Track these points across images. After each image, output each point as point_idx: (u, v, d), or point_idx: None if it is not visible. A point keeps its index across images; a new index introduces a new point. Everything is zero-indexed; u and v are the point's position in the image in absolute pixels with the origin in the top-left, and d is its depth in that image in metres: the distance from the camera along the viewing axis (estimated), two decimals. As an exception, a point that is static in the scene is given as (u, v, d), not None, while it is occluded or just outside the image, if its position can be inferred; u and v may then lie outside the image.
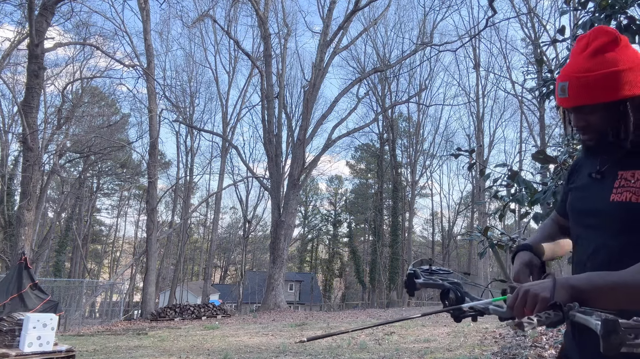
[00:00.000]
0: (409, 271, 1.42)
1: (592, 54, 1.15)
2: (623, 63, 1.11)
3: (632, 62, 1.12)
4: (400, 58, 28.54)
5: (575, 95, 1.16)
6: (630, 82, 1.11)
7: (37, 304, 8.66)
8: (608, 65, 1.12)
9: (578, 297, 0.98)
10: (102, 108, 29.60)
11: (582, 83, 1.14)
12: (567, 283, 1.00)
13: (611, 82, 1.11)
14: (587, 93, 1.14)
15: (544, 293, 0.99)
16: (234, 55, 33.74)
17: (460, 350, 7.14)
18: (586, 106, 1.16)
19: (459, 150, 3.99)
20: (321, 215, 52.48)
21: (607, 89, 1.12)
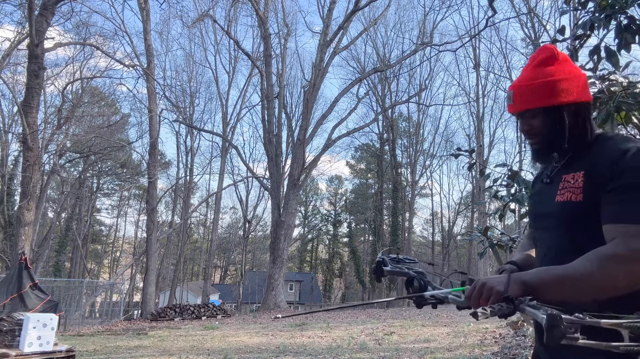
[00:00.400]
0: (377, 259, 1.50)
1: (535, 66, 1.32)
2: (559, 74, 1.27)
3: (569, 74, 1.28)
4: (400, 58, 28.56)
5: (518, 101, 1.32)
6: (565, 90, 1.26)
7: (37, 304, 8.67)
8: (546, 75, 1.28)
9: (529, 292, 1.07)
10: (102, 108, 29.60)
11: (524, 90, 1.31)
12: (520, 278, 1.10)
13: (548, 90, 1.27)
14: (528, 99, 1.30)
15: (498, 287, 1.09)
16: (234, 55, 33.77)
17: (460, 350, 7.14)
18: (528, 111, 1.31)
19: (459, 150, 3.99)
20: (321, 215, 52.50)
21: (545, 96, 1.27)
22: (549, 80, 1.28)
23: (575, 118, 1.28)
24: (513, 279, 1.09)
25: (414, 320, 12.61)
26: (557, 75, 1.28)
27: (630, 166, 1.11)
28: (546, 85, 1.28)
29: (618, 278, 1.03)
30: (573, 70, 1.29)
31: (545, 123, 1.30)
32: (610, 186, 1.13)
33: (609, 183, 1.14)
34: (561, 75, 1.28)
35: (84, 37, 21.96)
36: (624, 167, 1.12)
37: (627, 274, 1.02)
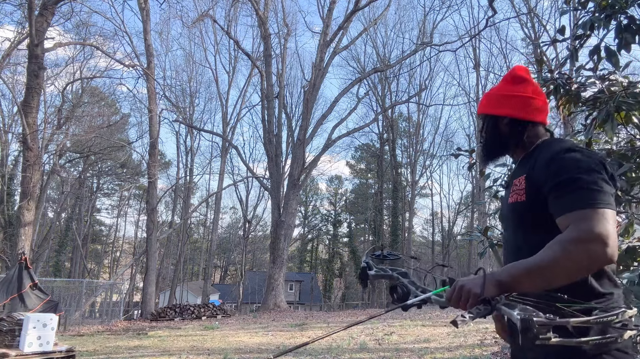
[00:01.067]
0: (362, 263, 1.58)
1: (503, 80, 1.55)
2: (508, 91, 1.49)
3: (516, 93, 1.47)
4: (400, 58, 28.54)
5: (480, 105, 1.58)
6: (505, 104, 1.48)
7: (37, 304, 8.67)
8: (500, 90, 1.52)
9: (505, 289, 1.15)
10: (102, 108, 29.58)
11: (483, 98, 1.57)
12: (494, 278, 1.16)
13: (493, 101, 1.51)
14: (481, 105, 1.57)
15: (475, 289, 1.15)
16: (234, 55, 33.77)
17: (460, 350, 7.14)
18: (480, 115, 1.57)
19: (459, 150, 3.99)
20: (321, 215, 52.47)
21: (488, 105, 1.53)
22: (497, 94, 1.51)
23: (509, 130, 1.48)
24: (488, 279, 1.15)
25: (414, 320, 12.61)
26: (504, 92, 1.50)
27: (561, 165, 1.25)
28: (492, 97, 1.52)
29: (582, 259, 1.10)
30: (524, 91, 1.47)
31: (484, 128, 1.55)
32: (549, 186, 1.26)
33: (547, 183, 1.26)
34: (508, 92, 1.49)
35: (84, 37, 21.98)
36: (556, 167, 1.26)
37: (589, 253, 1.10)
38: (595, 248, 1.10)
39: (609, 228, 1.11)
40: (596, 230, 1.11)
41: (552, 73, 3.49)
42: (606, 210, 1.14)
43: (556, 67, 3.68)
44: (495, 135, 1.51)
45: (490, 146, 1.54)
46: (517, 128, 1.47)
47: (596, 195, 1.17)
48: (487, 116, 1.53)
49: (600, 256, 1.10)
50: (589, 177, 1.19)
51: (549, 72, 3.61)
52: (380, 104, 35.95)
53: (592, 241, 1.10)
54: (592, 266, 1.13)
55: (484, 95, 1.58)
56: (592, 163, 1.23)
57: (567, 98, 3.28)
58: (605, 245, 1.10)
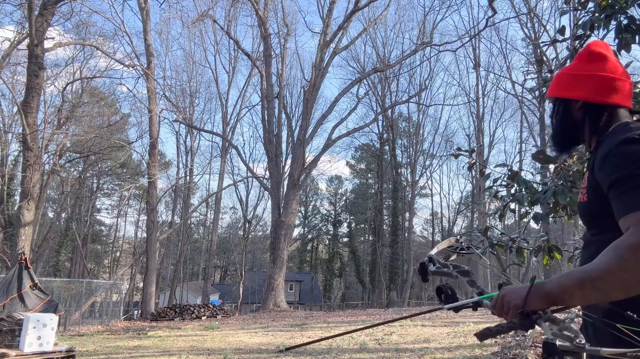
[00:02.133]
0: (425, 257, 1.52)
1: (576, 58, 1.35)
2: (580, 70, 1.29)
3: (591, 71, 1.27)
4: (400, 58, 28.54)
5: (550, 88, 1.39)
6: (575, 86, 1.29)
7: (37, 304, 8.66)
8: (569, 69, 1.33)
9: (553, 302, 1.03)
10: (102, 108, 29.58)
11: (554, 79, 1.37)
12: (542, 290, 1.04)
13: (563, 82, 1.32)
14: (551, 88, 1.37)
15: (516, 301, 1.05)
16: (234, 55, 33.79)
17: (460, 350, 7.14)
18: (549, 98, 1.38)
19: (459, 150, 3.99)
20: (321, 215, 52.49)
21: (559, 88, 1.33)
22: (570, 73, 1.31)
23: (582, 115, 1.29)
24: (534, 291, 1.04)
25: (414, 320, 12.61)
26: (577, 71, 1.30)
27: (617, 161, 1.10)
28: (564, 78, 1.33)
29: (638, 267, 0.94)
30: (601, 70, 1.27)
31: (554, 113, 1.36)
32: (606, 186, 1.11)
33: (604, 183, 1.12)
34: (582, 72, 1.29)
35: (84, 37, 21.96)
36: (611, 164, 1.11)
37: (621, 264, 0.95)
38: None
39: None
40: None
41: (552, 73, 3.49)
42: None
43: (556, 67, 3.68)
44: (566, 121, 1.33)
45: (561, 134, 1.35)
46: (591, 113, 1.27)
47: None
48: (557, 99, 1.35)
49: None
50: None
51: (549, 72, 3.61)
52: (380, 104, 35.97)
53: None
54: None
55: (555, 74, 1.39)
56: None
57: (567, 98, 3.28)
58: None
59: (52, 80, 24.41)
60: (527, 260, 13.31)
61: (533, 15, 23.32)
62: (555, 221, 3.62)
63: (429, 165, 41.70)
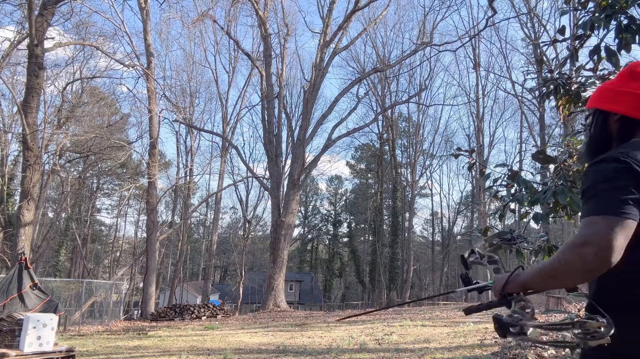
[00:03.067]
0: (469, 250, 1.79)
1: (620, 75, 1.43)
2: (621, 86, 1.38)
3: (632, 88, 1.35)
4: (400, 58, 28.53)
5: (590, 99, 1.50)
6: (615, 100, 1.37)
7: (37, 304, 8.66)
8: (611, 84, 1.42)
9: (526, 287, 1.29)
10: (102, 108, 29.57)
11: (595, 92, 1.48)
12: (518, 278, 1.30)
13: (605, 95, 1.41)
14: (592, 100, 1.47)
15: (497, 286, 1.34)
16: (234, 55, 33.78)
17: (460, 350, 7.14)
18: (589, 109, 1.48)
19: (459, 150, 3.99)
20: (321, 215, 52.48)
21: (600, 99, 1.42)
22: (612, 88, 1.40)
23: (618, 128, 1.37)
24: (513, 278, 1.30)
25: (414, 320, 12.61)
26: (619, 87, 1.38)
27: (586, 178, 1.27)
28: (606, 92, 1.42)
29: (574, 261, 1.14)
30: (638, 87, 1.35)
31: (592, 124, 1.44)
32: (580, 195, 1.29)
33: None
34: (623, 88, 1.37)
35: (84, 37, 21.95)
36: (584, 178, 1.29)
37: (579, 256, 1.13)
38: (585, 251, 1.12)
39: (605, 233, 1.12)
40: (590, 234, 1.13)
41: (552, 73, 3.49)
42: (611, 217, 1.14)
43: (556, 67, 3.68)
44: (603, 132, 1.41)
45: (596, 143, 1.43)
46: (625, 127, 1.36)
47: (600, 204, 1.17)
48: (597, 110, 1.43)
49: (588, 260, 1.11)
50: (602, 186, 1.19)
51: (549, 72, 3.61)
52: (380, 104, 35.96)
53: (583, 245, 1.13)
54: (585, 270, 1.14)
55: (597, 88, 1.49)
56: (612, 171, 1.20)
57: (567, 98, 3.28)
58: (596, 248, 1.11)
59: (52, 80, 24.42)
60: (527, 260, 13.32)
61: (533, 15, 23.32)
62: (555, 221, 3.62)
63: (429, 165, 41.74)
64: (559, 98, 3.25)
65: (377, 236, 37.39)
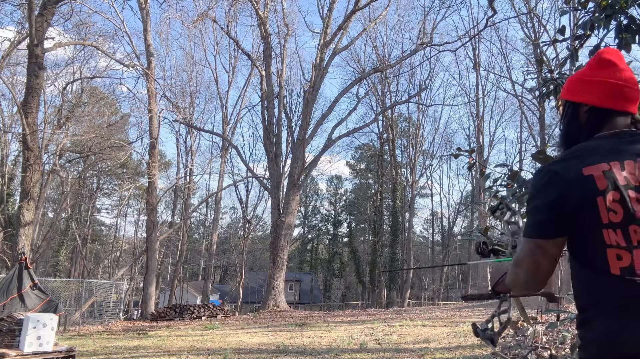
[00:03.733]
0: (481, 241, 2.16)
1: (588, 64, 1.43)
2: (589, 76, 1.36)
3: (599, 77, 1.33)
4: (400, 58, 28.51)
5: (562, 90, 1.52)
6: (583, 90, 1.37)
7: (37, 304, 8.66)
8: (579, 74, 1.41)
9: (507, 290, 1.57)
10: (102, 108, 29.55)
11: (566, 83, 1.48)
12: (503, 279, 1.52)
13: (573, 86, 1.41)
14: (563, 91, 1.46)
15: (492, 282, 1.57)
16: (234, 55, 33.76)
17: (460, 350, 7.15)
18: (562, 100, 1.49)
19: (459, 150, 3.99)
20: (321, 215, 52.47)
21: (568, 90, 1.42)
22: (579, 79, 1.39)
23: (587, 119, 1.36)
24: (503, 279, 1.50)
25: (414, 320, 12.61)
26: (587, 77, 1.37)
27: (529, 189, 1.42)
28: (574, 82, 1.41)
29: (514, 279, 1.34)
30: (609, 77, 1.33)
31: (564, 115, 1.45)
32: None
33: None
34: (590, 78, 1.36)
35: (84, 37, 21.93)
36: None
37: (515, 275, 1.32)
38: (517, 271, 1.31)
39: (527, 255, 1.28)
40: (519, 256, 1.31)
41: (552, 73, 3.48)
42: (532, 239, 1.27)
43: (556, 67, 3.68)
44: (573, 124, 1.40)
45: (567, 135, 1.43)
46: (594, 117, 1.34)
47: (527, 225, 1.30)
48: (567, 102, 1.42)
49: (521, 279, 1.31)
50: (530, 204, 1.30)
51: (549, 72, 3.60)
52: (380, 104, 35.94)
53: (516, 266, 1.32)
54: (522, 286, 1.33)
55: (568, 78, 1.48)
56: (538, 186, 1.28)
57: (567, 98, 3.27)
58: (525, 269, 1.28)
59: (52, 80, 24.41)
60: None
61: (533, 15, 23.31)
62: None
63: (428, 165, 41.74)
64: (559, 98, 3.25)
65: (377, 236, 37.37)
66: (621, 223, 1.15)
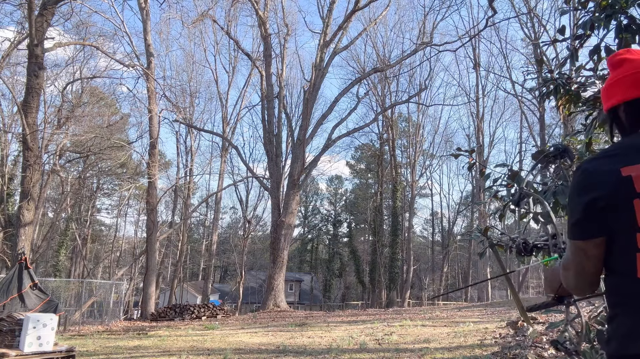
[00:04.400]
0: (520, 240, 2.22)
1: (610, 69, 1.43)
2: (611, 79, 1.37)
3: (618, 75, 1.34)
4: (400, 58, 28.51)
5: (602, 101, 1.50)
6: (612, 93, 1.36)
7: (37, 304, 8.66)
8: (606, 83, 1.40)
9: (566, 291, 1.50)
10: (102, 108, 29.55)
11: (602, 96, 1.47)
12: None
13: (604, 95, 1.40)
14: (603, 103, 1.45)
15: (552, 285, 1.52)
16: (234, 55, 33.78)
17: (460, 350, 7.14)
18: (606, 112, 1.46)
19: (459, 150, 3.99)
20: (321, 215, 52.46)
21: (604, 101, 1.41)
22: (606, 87, 1.39)
23: (627, 115, 1.33)
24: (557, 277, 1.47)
25: (414, 320, 12.61)
26: (610, 81, 1.38)
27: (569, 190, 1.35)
28: (604, 93, 1.40)
29: (566, 282, 1.36)
30: (626, 71, 1.33)
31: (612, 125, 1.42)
32: None
33: None
34: (612, 80, 1.36)
35: (84, 37, 21.94)
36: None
37: (565, 278, 1.34)
38: (566, 274, 1.33)
39: (572, 258, 1.29)
40: (567, 259, 1.32)
41: (552, 73, 3.48)
42: (575, 241, 1.27)
43: (556, 67, 3.68)
44: (620, 127, 1.37)
45: None
46: (632, 110, 1.32)
47: (569, 226, 1.30)
48: (608, 112, 1.40)
49: (571, 282, 1.33)
50: (570, 204, 1.30)
51: (549, 72, 3.60)
52: (380, 104, 35.94)
53: (565, 269, 1.33)
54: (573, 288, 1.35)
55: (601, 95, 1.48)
56: (574, 187, 1.27)
57: (567, 98, 3.28)
58: (572, 272, 1.30)
59: (52, 80, 24.42)
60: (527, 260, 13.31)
61: (533, 15, 23.32)
62: (556, 221, 3.62)
63: (428, 165, 41.74)
64: (559, 98, 3.25)
65: (377, 236, 37.38)
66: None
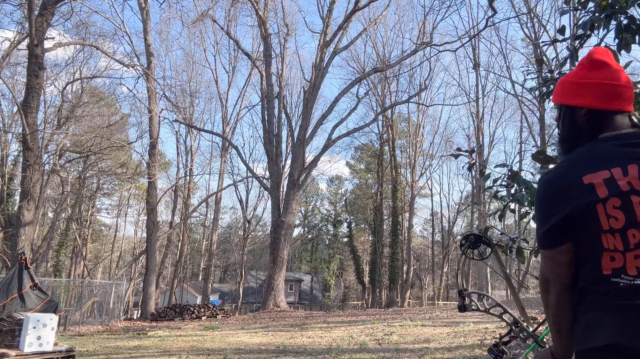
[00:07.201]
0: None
1: (580, 65, 1.41)
2: (582, 78, 1.35)
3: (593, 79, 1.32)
4: (400, 58, 28.49)
5: (554, 94, 1.48)
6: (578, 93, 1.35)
7: (37, 304, 8.65)
8: (572, 76, 1.39)
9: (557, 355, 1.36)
10: (102, 108, 29.55)
11: (557, 86, 1.45)
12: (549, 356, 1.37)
13: (567, 89, 1.38)
14: (556, 94, 1.44)
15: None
16: (234, 55, 33.78)
17: (460, 350, 7.14)
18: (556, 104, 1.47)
19: (459, 150, 3.99)
20: (321, 215, 52.45)
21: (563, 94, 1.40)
22: (573, 81, 1.37)
23: (586, 122, 1.34)
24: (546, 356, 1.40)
25: (414, 320, 12.60)
26: (580, 79, 1.35)
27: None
28: (567, 85, 1.38)
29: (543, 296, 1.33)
30: (603, 78, 1.31)
31: (560, 119, 1.42)
32: None
33: None
34: (584, 80, 1.34)
35: (84, 37, 21.94)
36: None
37: (544, 302, 1.33)
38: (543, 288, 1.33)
39: (544, 267, 1.30)
40: (542, 270, 1.31)
41: (552, 74, 3.48)
42: (544, 250, 1.29)
43: (556, 67, 3.68)
44: (572, 128, 1.37)
45: (565, 141, 1.41)
46: (594, 119, 1.32)
47: (537, 236, 1.30)
48: (562, 106, 1.40)
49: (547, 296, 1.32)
50: (536, 214, 1.31)
51: (549, 72, 3.60)
52: (380, 104, 35.94)
53: (540, 280, 1.33)
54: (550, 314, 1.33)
55: (559, 81, 1.44)
56: (539, 196, 1.29)
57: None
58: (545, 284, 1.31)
59: (52, 80, 24.43)
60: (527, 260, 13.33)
61: (533, 15, 23.30)
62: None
63: (428, 165, 41.72)
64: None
65: (377, 236, 37.36)
66: (622, 229, 1.16)
